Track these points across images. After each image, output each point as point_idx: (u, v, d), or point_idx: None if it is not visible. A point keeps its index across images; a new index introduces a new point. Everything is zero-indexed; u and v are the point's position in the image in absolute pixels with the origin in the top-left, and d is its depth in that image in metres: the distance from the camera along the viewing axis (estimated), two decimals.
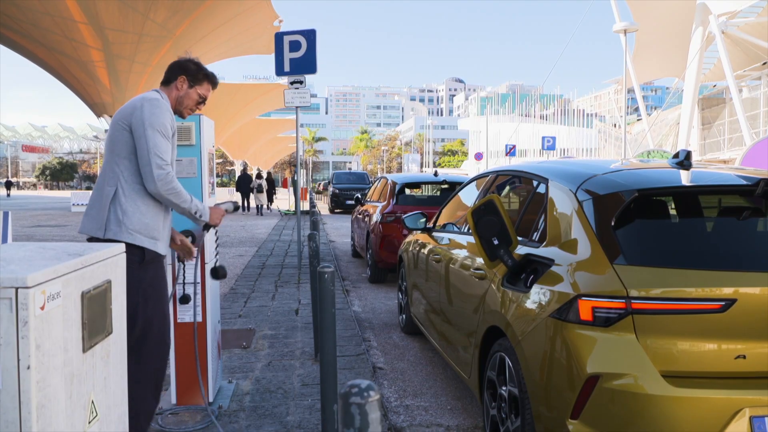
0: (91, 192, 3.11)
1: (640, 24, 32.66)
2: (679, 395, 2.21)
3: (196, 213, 2.93)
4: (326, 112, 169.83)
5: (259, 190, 25.29)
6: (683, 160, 2.95)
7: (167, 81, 3.03)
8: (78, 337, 1.69)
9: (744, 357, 2.30)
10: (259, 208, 25.12)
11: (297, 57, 8.29)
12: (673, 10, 36.47)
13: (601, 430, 2.30)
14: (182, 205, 2.86)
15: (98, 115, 26.13)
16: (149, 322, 2.84)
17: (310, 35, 8.23)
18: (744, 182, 2.76)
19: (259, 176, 26.44)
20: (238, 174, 32.72)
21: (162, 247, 2.89)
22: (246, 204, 26.68)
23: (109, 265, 1.93)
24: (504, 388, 2.87)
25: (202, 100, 3.09)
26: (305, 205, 21.05)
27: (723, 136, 42.49)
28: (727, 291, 2.29)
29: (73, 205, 28.19)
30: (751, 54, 35.55)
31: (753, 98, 39.87)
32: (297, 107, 8.70)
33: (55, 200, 43.00)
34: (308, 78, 8.65)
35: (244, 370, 4.48)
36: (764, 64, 36.27)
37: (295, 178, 9.60)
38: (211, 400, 3.66)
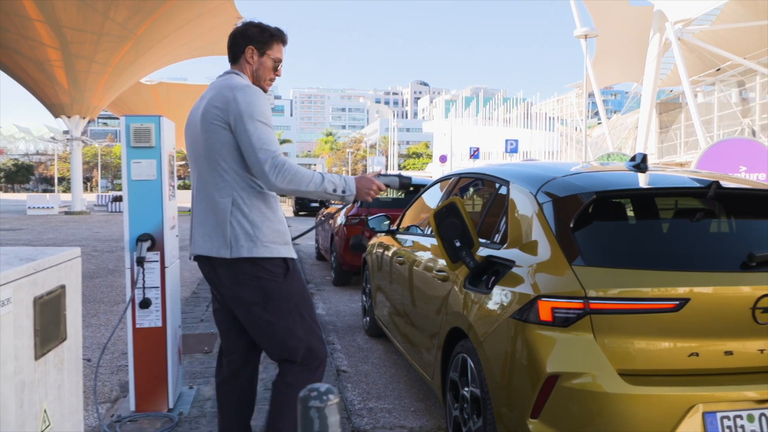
0: (42, 194, 2.99)
1: (600, 30, 33.35)
2: (636, 393, 2.26)
3: (335, 191, 2.44)
4: (291, 114, 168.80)
5: None
6: (639, 163, 3.02)
7: (235, 58, 2.63)
8: (30, 345, 1.64)
9: (697, 354, 2.36)
10: None
11: None
12: (632, 17, 37.40)
13: (561, 429, 2.33)
14: (312, 188, 2.39)
15: (56, 115, 25.50)
16: (309, 347, 2.53)
17: None
18: (697, 185, 2.84)
19: None
20: None
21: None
22: None
23: (63, 270, 1.88)
24: (466, 388, 2.89)
25: (278, 63, 2.66)
26: None
27: (679, 139, 43.67)
28: (681, 291, 2.35)
29: (29, 208, 27.44)
30: (705, 60, 36.62)
31: (707, 103, 41.07)
32: None
33: (10, 203, 41.77)
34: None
35: (206, 375, 4.42)
36: (718, 70, 37.41)
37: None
38: (171, 406, 3.60)
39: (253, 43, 2.59)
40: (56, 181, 76.14)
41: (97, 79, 23.19)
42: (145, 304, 3.45)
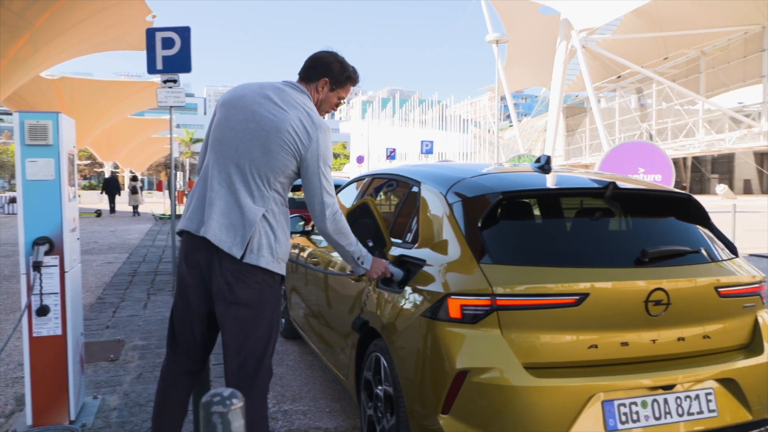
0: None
1: (511, 35, 34.48)
2: (540, 385, 2.35)
3: (358, 259, 2.76)
4: (205, 113, 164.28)
5: (134, 191, 26.85)
6: (544, 165, 3.15)
7: (307, 78, 2.69)
8: None
9: (596, 346, 2.49)
10: (135, 209, 26.64)
11: (170, 54, 7.94)
12: (541, 24, 38.97)
13: (470, 423, 2.40)
14: (347, 248, 2.71)
15: None
16: (270, 360, 2.65)
17: (184, 33, 7.92)
18: (596, 185, 2.99)
19: (134, 178, 28.17)
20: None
21: None
22: (113, 207, 28.10)
23: None
24: (380, 387, 2.91)
25: (340, 103, 2.80)
26: (182, 209, 20.28)
27: (585, 142, 45.80)
28: (582, 286, 2.47)
29: None
30: (608, 68, 38.67)
31: (610, 108, 43.37)
32: (171, 107, 8.35)
33: None
34: (185, 77, 8.34)
35: (112, 384, 4.23)
36: (619, 77, 39.56)
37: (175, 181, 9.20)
38: (73, 418, 3.42)
39: (330, 77, 2.68)
40: None
41: None
42: (43, 311, 3.26)
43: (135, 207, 26.74)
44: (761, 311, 2.86)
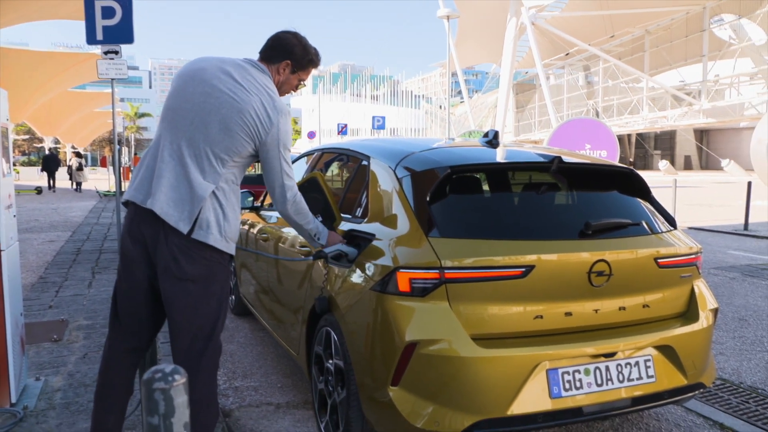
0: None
1: (462, 11, 34.47)
2: (487, 355, 2.40)
3: (315, 235, 2.82)
4: (150, 87, 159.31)
5: (78, 168, 26.53)
6: (492, 139, 3.17)
7: (269, 59, 2.64)
8: None
9: (541, 317, 2.55)
10: (78, 186, 26.48)
11: (111, 24, 7.64)
12: (491, 0, 38.92)
13: (420, 394, 2.43)
14: (305, 226, 2.77)
15: None
16: (219, 339, 2.60)
17: (125, 2, 7.62)
18: (542, 159, 3.04)
19: (78, 155, 28.22)
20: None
21: None
22: (52, 184, 27.31)
23: None
24: (330, 361, 2.92)
25: (300, 85, 2.79)
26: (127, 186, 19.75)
27: (534, 119, 46.51)
28: (528, 258, 2.52)
29: None
30: (557, 45, 39.16)
31: (558, 85, 44.06)
32: (112, 79, 8.06)
33: None
34: (128, 49, 8.06)
35: (55, 365, 4.12)
36: (567, 55, 40.15)
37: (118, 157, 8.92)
38: (14, 400, 3.32)
39: (293, 60, 2.66)
40: None
41: None
42: None
43: (79, 184, 26.32)
44: (697, 281, 2.99)
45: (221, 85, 2.45)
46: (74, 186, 26.63)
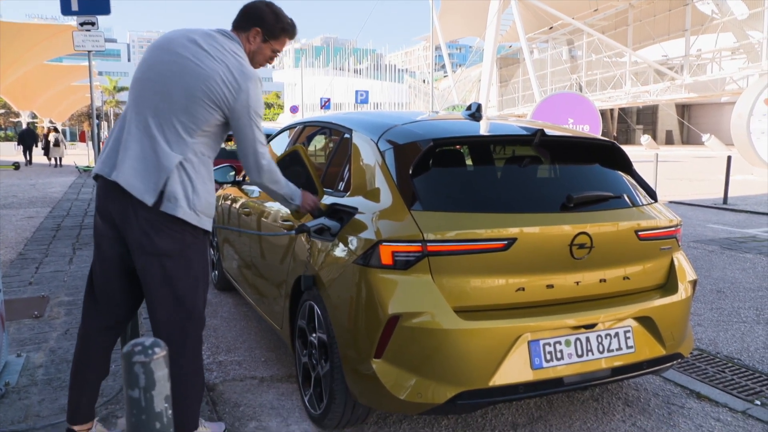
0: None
1: None
2: (470, 328, 2.42)
3: (291, 198, 2.81)
4: (129, 60, 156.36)
5: (56, 144, 26.21)
6: (474, 112, 3.16)
7: (239, 27, 2.56)
8: None
9: (523, 289, 2.57)
10: (57, 161, 26.21)
11: None
12: None
13: (402, 366, 2.45)
14: (279, 191, 2.74)
15: None
16: (201, 311, 2.56)
17: None
18: (524, 132, 3.03)
19: (56, 129, 27.95)
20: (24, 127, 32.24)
21: None
22: (29, 159, 27.40)
23: None
24: (314, 335, 2.93)
25: (274, 56, 2.68)
26: None
27: (518, 93, 46.39)
28: (510, 231, 2.52)
29: None
30: (540, 19, 38.92)
31: (542, 59, 43.93)
32: (89, 51, 7.89)
33: None
34: (105, 20, 7.93)
35: (37, 342, 4.09)
36: (551, 28, 39.94)
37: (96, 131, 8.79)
38: None
39: (263, 28, 2.57)
40: None
41: None
42: None
43: (59, 159, 26.17)
44: (677, 253, 3.02)
45: (186, 52, 2.39)
46: (53, 162, 26.26)
